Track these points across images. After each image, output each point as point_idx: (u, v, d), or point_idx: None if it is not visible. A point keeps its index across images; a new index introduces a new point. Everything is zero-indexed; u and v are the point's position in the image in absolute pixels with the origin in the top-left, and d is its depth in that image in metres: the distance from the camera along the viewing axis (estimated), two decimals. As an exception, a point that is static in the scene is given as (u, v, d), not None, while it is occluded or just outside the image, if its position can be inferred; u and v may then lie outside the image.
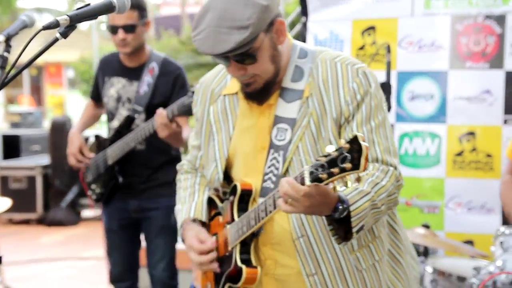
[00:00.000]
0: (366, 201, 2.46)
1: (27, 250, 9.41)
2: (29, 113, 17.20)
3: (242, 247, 2.75)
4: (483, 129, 5.27)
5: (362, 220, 2.45)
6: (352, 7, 5.73)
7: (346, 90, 2.59)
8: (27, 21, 3.07)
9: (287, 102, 2.67)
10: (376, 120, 2.61)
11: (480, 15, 5.27)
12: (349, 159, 2.18)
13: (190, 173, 3.09)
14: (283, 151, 2.65)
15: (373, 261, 2.71)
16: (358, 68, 2.63)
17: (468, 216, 5.29)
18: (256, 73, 2.62)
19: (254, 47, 2.55)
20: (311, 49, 2.74)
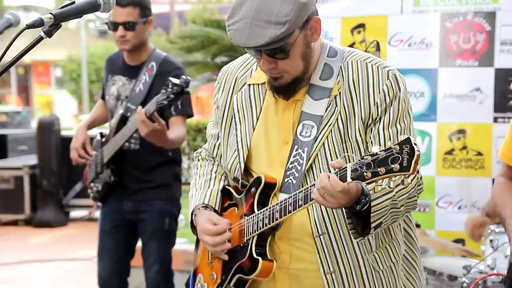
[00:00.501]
0: (387, 199, 2.48)
1: (14, 252, 9.36)
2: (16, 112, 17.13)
3: (259, 240, 2.74)
4: (474, 127, 5.25)
5: (381, 217, 2.48)
6: (341, 5, 5.70)
7: (376, 92, 2.62)
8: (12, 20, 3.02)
9: (315, 99, 2.68)
10: (402, 124, 2.65)
11: (470, 12, 5.25)
12: (398, 160, 2.20)
13: (207, 160, 3.08)
14: (308, 147, 2.66)
15: (390, 262, 2.75)
16: (389, 70, 2.66)
17: (458, 215, 5.27)
18: (286, 69, 2.62)
19: (288, 43, 2.55)
20: (341, 49, 2.76)
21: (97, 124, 5.19)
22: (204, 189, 2.97)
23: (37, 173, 11.08)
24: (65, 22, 2.75)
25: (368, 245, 2.69)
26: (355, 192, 2.41)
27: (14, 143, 12.16)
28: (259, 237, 2.74)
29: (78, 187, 10.72)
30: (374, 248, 2.70)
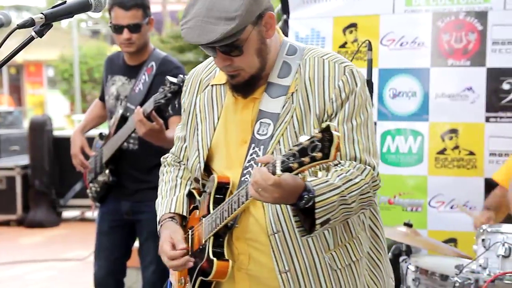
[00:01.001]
0: (334, 195, 2.44)
1: (6, 252, 9.33)
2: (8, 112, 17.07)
3: (216, 240, 2.73)
4: (466, 127, 5.25)
5: (329, 213, 2.44)
6: (333, 4, 5.70)
7: (332, 88, 2.59)
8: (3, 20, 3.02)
9: (272, 97, 2.67)
10: (358, 119, 2.60)
11: (462, 12, 5.25)
12: (319, 148, 2.18)
13: (173, 166, 3.08)
14: (264, 145, 2.65)
15: (349, 261, 2.71)
16: (345, 66, 2.64)
17: (451, 214, 5.27)
18: (242, 66, 2.62)
19: (241, 39, 2.55)
20: (301, 46, 2.75)
21: (93, 126, 5.18)
22: (170, 196, 2.97)
23: (29, 173, 11.06)
24: (57, 22, 2.74)
25: (325, 243, 2.65)
26: (295, 187, 2.37)
27: (6, 143, 12.13)
28: (216, 238, 2.73)
29: (78, 187, 10.71)
30: (332, 246, 2.67)
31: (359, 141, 2.59)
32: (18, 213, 11.01)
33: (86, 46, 28.32)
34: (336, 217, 2.48)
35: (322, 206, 2.41)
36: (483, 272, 3.89)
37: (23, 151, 12.03)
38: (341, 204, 2.47)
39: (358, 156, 2.57)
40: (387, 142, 5.48)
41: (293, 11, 5.88)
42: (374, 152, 2.64)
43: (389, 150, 5.48)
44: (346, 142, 2.57)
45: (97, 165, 4.87)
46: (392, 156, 5.48)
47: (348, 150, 2.57)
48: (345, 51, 5.62)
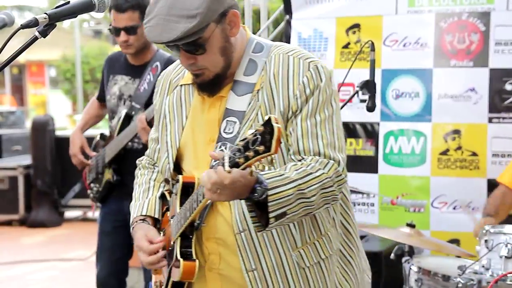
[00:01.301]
0: (290, 188, 2.41)
1: (9, 252, 9.34)
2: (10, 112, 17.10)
3: (183, 241, 2.71)
4: (468, 128, 5.25)
5: (284, 207, 2.41)
6: (336, 5, 5.70)
7: (296, 84, 2.58)
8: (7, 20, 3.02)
9: (238, 95, 2.65)
10: (322, 115, 2.59)
11: (464, 13, 5.25)
12: (261, 141, 2.17)
13: (147, 168, 3.07)
14: (230, 144, 2.61)
15: (318, 259, 2.69)
16: (310, 62, 2.61)
17: (453, 215, 5.27)
18: (205, 65, 2.61)
19: (203, 37, 2.53)
20: (268, 44, 2.73)
21: (91, 125, 5.19)
22: (142, 199, 2.95)
23: (31, 173, 11.06)
24: (60, 22, 2.74)
25: (292, 241, 2.63)
26: (246, 181, 2.32)
27: (8, 143, 12.14)
28: (183, 238, 2.71)
29: (77, 187, 10.70)
30: (300, 244, 2.64)
31: (323, 136, 2.57)
32: (20, 213, 11.02)
33: (88, 46, 28.35)
34: (294, 211, 2.45)
35: (275, 199, 2.38)
36: (486, 273, 3.89)
37: (26, 151, 12.04)
38: (298, 198, 2.44)
39: (321, 151, 2.55)
40: (390, 143, 5.48)
41: (296, 11, 5.88)
42: (340, 147, 2.61)
43: (392, 151, 5.48)
44: (309, 138, 2.56)
45: (99, 164, 4.87)
46: (395, 156, 5.48)
47: (312, 146, 2.55)
48: (348, 51, 5.63)
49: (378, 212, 5.54)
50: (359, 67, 5.17)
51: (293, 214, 2.45)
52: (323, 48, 5.76)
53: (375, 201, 5.55)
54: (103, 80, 5.03)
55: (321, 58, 5.71)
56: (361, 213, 5.55)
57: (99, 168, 4.87)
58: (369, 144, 5.56)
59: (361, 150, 5.60)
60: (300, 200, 2.45)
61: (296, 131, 2.57)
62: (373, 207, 5.56)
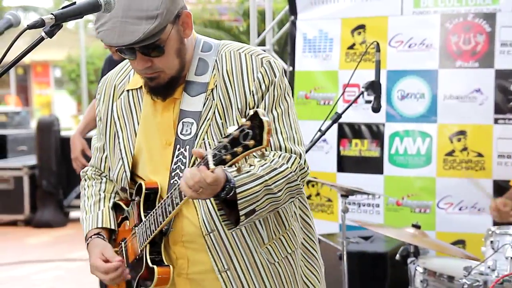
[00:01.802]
0: (257, 185, 2.42)
1: (14, 252, 9.35)
2: (16, 113, 17.09)
3: (152, 248, 2.65)
4: (474, 129, 5.25)
5: (253, 204, 2.41)
6: (341, 6, 5.71)
7: (251, 80, 2.57)
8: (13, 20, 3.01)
9: (192, 95, 2.62)
10: (278, 110, 2.59)
11: (470, 14, 5.25)
12: (251, 135, 2.14)
13: (94, 179, 2.96)
14: (189, 145, 2.59)
15: (285, 253, 2.70)
16: (262, 58, 2.61)
17: (459, 216, 5.27)
18: (162, 67, 2.55)
19: (162, 39, 2.49)
20: (215, 42, 2.72)
21: (92, 127, 5.19)
22: (94, 212, 2.86)
23: (36, 173, 11.07)
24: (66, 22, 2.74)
25: (259, 237, 2.63)
26: (223, 179, 2.33)
27: (13, 144, 12.15)
28: (152, 245, 2.65)
29: (78, 189, 10.71)
30: (267, 240, 2.64)
31: (282, 131, 2.57)
32: (26, 213, 11.03)
33: (93, 47, 28.36)
34: (262, 208, 2.45)
35: (244, 196, 2.38)
36: (491, 274, 3.88)
37: (31, 151, 12.05)
38: (266, 194, 2.44)
39: (282, 145, 2.55)
40: (396, 144, 5.48)
41: (301, 12, 5.89)
42: (299, 140, 2.61)
43: (398, 152, 5.48)
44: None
45: None
46: (401, 157, 5.48)
47: (272, 141, 2.54)
48: (353, 52, 5.63)
49: (383, 213, 5.54)
50: (365, 68, 5.17)
51: (261, 210, 2.46)
52: (328, 49, 5.76)
53: (380, 202, 5.55)
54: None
55: (326, 59, 5.72)
56: (366, 214, 5.55)
57: None
58: (375, 145, 5.56)
59: (366, 151, 5.60)
60: (267, 196, 2.45)
61: None
62: (379, 208, 5.56)
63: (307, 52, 5.85)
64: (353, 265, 4.65)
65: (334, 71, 5.69)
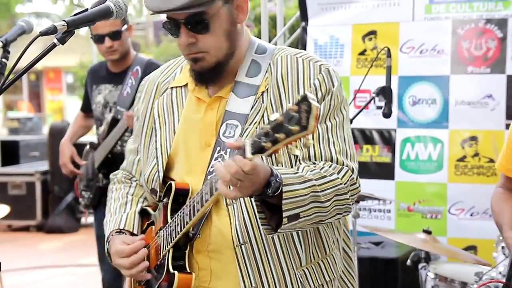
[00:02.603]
0: (305, 188, 2.20)
1: (26, 257, 9.37)
2: (28, 118, 17.17)
3: (175, 252, 2.45)
4: (486, 134, 5.25)
5: (298, 207, 2.18)
6: (352, 12, 5.71)
7: (307, 86, 2.39)
8: (25, 27, 3.04)
9: (240, 97, 2.44)
10: (333, 121, 2.41)
11: (482, 19, 5.25)
12: (296, 119, 1.89)
13: (124, 183, 2.82)
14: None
15: (322, 281, 2.46)
16: (321, 65, 2.44)
17: (471, 222, 5.27)
18: (207, 46, 2.39)
19: (209, 14, 2.34)
20: (271, 46, 2.56)
21: (79, 135, 5.31)
22: (119, 214, 2.70)
23: (48, 179, 11.10)
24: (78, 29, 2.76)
25: (297, 258, 2.40)
26: (264, 173, 2.10)
27: (26, 149, 12.19)
28: (175, 250, 2.45)
29: (70, 197, 10.73)
30: (305, 262, 2.42)
31: (335, 142, 2.38)
32: (38, 218, 11.05)
33: (105, 53, 28.42)
34: (307, 215, 2.22)
35: (290, 197, 2.15)
36: (503, 279, 3.87)
37: (43, 157, 12.08)
38: (313, 201, 2.22)
39: (334, 157, 2.36)
40: (407, 149, 5.48)
41: (312, 18, 5.90)
42: (352, 156, 2.42)
43: (409, 157, 5.48)
44: (321, 143, 2.36)
45: (89, 171, 4.91)
46: (412, 163, 5.47)
47: (324, 151, 2.36)
48: (364, 58, 5.63)
49: (394, 218, 5.54)
50: (376, 73, 5.17)
51: (305, 218, 2.23)
52: (339, 55, 5.77)
53: (391, 208, 5.55)
54: (86, 92, 5.15)
55: (337, 64, 5.72)
56: (377, 220, 5.55)
57: (89, 175, 4.91)
58: (386, 150, 5.56)
59: (377, 157, 5.60)
60: (314, 204, 2.23)
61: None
62: (390, 213, 5.56)
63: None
64: (364, 270, 4.66)
65: (345, 77, 5.69)
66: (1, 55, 2.93)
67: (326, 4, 5.80)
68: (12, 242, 10.43)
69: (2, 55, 2.92)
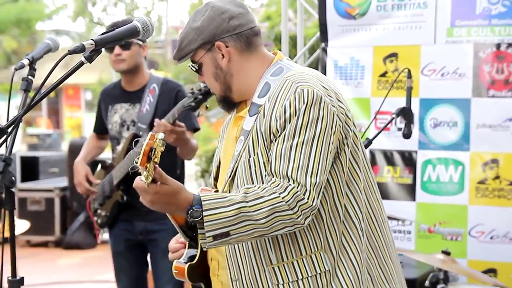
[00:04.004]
0: (231, 210, 2.50)
1: (44, 273, 9.42)
2: (47, 135, 17.25)
3: (191, 246, 2.93)
4: (507, 157, 5.25)
5: (225, 227, 2.50)
6: (373, 34, 5.73)
7: (279, 107, 2.62)
8: (52, 45, 3.09)
9: (250, 115, 2.77)
10: (299, 138, 2.57)
11: (503, 44, 5.26)
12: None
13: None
14: (234, 160, 2.77)
15: (295, 278, 2.66)
16: (298, 86, 2.62)
17: (491, 245, 5.25)
18: (209, 86, 2.92)
19: (197, 62, 2.84)
20: (288, 68, 2.80)
21: (93, 156, 5.31)
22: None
23: (67, 195, 11.16)
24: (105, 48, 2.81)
25: (267, 256, 2.69)
26: (183, 201, 2.55)
27: (45, 165, 12.25)
28: (191, 240, 2.90)
29: (82, 217, 10.76)
30: (275, 261, 2.68)
31: (295, 159, 2.55)
32: (56, 234, 11.11)
33: (123, 71, 28.54)
34: (241, 232, 2.51)
35: (212, 220, 2.49)
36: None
37: (62, 173, 12.14)
38: (244, 219, 2.50)
39: (289, 174, 2.55)
40: (428, 171, 5.49)
41: (332, 39, 5.91)
42: (314, 172, 2.56)
43: (430, 179, 5.48)
44: (281, 160, 2.57)
45: (105, 189, 4.92)
46: (433, 185, 5.48)
47: (281, 168, 2.56)
48: (385, 80, 5.65)
49: (414, 240, 5.53)
50: (397, 95, 5.20)
51: (239, 234, 2.52)
52: (360, 77, 5.78)
53: (412, 229, 5.55)
54: (100, 113, 5.16)
55: (357, 86, 5.74)
56: (397, 241, 5.55)
57: (106, 192, 4.92)
58: (407, 172, 5.57)
59: (399, 178, 5.60)
60: (246, 222, 2.51)
61: (272, 153, 2.62)
62: (410, 234, 5.56)
63: (338, 79, 5.87)
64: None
65: (366, 99, 5.71)
66: (28, 72, 2.98)
67: (347, 26, 5.82)
68: (31, 258, 10.48)
69: (28, 72, 2.98)
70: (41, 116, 30.93)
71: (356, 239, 2.71)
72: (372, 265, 2.75)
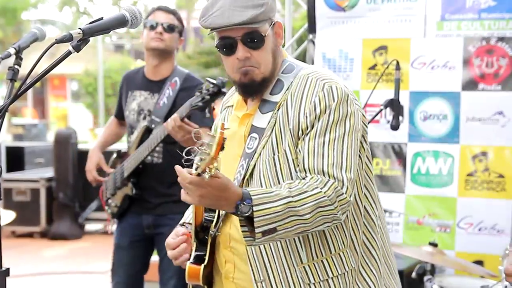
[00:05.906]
0: (279, 205, 2.46)
1: (30, 264, 9.39)
2: (33, 125, 17.19)
3: (199, 246, 2.82)
4: (496, 150, 5.28)
5: (273, 222, 2.46)
6: (362, 26, 5.72)
7: (307, 103, 2.63)
8: (38, 34, 3.05)
9: (262, 113, 2.75)
10: (331, 134, 2.60)
11: (493, 37, 5.28)
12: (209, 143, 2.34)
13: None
14: (248, 158, 2.72)
15: (325, 277, 2.68)
16: (325, 83, 2.65)
17: (478, 236, 5.30)
18: (259, 62, 2.72)
19: (263, 30, 2.69)
20: (299, 65, 2.82)
21: (110, 143, 5.23)
22: (188, 210, 3.06)
23: (53, 185, 11.12)
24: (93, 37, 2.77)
25: (297, 256, 2.67)
26: (233, 195, 2.45)
27: (31, 156, 12.21)
28: (198, 244, 2.82)
29: (94, 205, 10.71)
30: (305, 260, 2.67)
31: (329, 156, 2.57)
32: (42, 225, 11.07)
33: (110, 61, 28.50)
34: (286, 228, 2.48)
35: (261, 215, 2.44)
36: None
37: (48, 163, 12.10)
38: (290, 215, 2.47)
39: (325, 170, 2.56)
40: (418, 163, 5.50)
41: (320, 31, 5.89)
42: (348, 167, 2.59)
43: (420, 171, 5.50)
44: (315, 156, 2.58)
45: (117, 180, 4.88)
46: (422, 177, 5.50)
47: (316, 164, 2.57)
48: (375, 72, 5.64)
49: (402, 231, 5.54)
50: (387, 88, 5.23)
51: (285, 230, 2.48)
52: (349, 69, 5.77)
53: (400, 221, 5.56)
54: (121, 98, 5.06)
55: (346, 78, 5.73)
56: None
57: (117, 183, 4.88)
58: (397, 164, 5.57)
59: (388, 170, 5.61)
60: (292, 218, 2.48)
61: (303, 150, 2.61)
62: (398, 226, 5.57)
63: (326, 71, 5.85)
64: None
65: (355, 91, 5.70)
66: (14, 61, 2.95)
67: (336, 18, 5.81)
68: (16, 249, 10.44)
69: (14, 61, 2.94)
70: (26, 106, 30.84)
71: (375, 236, 2.78)
72: (385, 261, 2.82)
